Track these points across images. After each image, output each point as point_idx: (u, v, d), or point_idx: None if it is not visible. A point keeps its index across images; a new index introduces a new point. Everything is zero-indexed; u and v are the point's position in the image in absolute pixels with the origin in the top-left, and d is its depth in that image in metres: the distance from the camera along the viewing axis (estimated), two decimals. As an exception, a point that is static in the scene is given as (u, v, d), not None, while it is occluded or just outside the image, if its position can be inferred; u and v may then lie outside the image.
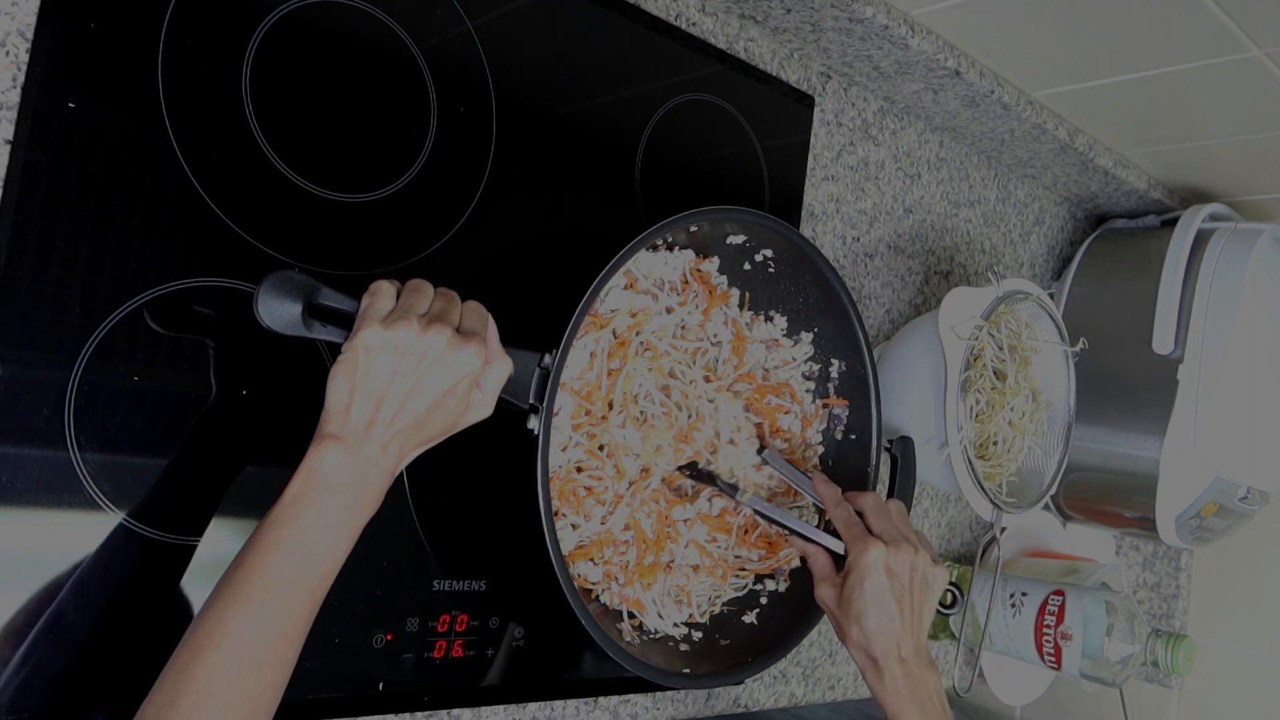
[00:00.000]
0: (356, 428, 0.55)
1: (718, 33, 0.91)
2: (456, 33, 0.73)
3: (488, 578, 0.73)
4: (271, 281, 0.56)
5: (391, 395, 0.56)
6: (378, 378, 0.55)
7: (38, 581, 0.56)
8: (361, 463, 0.55)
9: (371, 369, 0.55)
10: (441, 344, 0.56)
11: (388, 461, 0.56)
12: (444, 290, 0.61)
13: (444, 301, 0.60)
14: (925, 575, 0.74)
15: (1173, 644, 0.99)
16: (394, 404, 0.56)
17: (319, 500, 0.54)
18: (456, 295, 0.61)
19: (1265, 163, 1.16)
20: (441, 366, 0.57)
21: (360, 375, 0.55)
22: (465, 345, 0.57)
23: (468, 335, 0.58)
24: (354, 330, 0.57)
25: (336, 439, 0.55)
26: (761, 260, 0.83)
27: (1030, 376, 0.97)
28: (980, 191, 1.22)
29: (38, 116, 0.56)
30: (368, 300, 0.58)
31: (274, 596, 0.52)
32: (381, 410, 0.56)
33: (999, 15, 0.90)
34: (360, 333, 0.56)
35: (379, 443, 0.56)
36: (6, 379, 0.55)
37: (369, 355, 0.55)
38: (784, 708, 0.99)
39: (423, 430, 0.58)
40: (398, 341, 0.55)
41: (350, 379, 0.55)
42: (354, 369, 0.55)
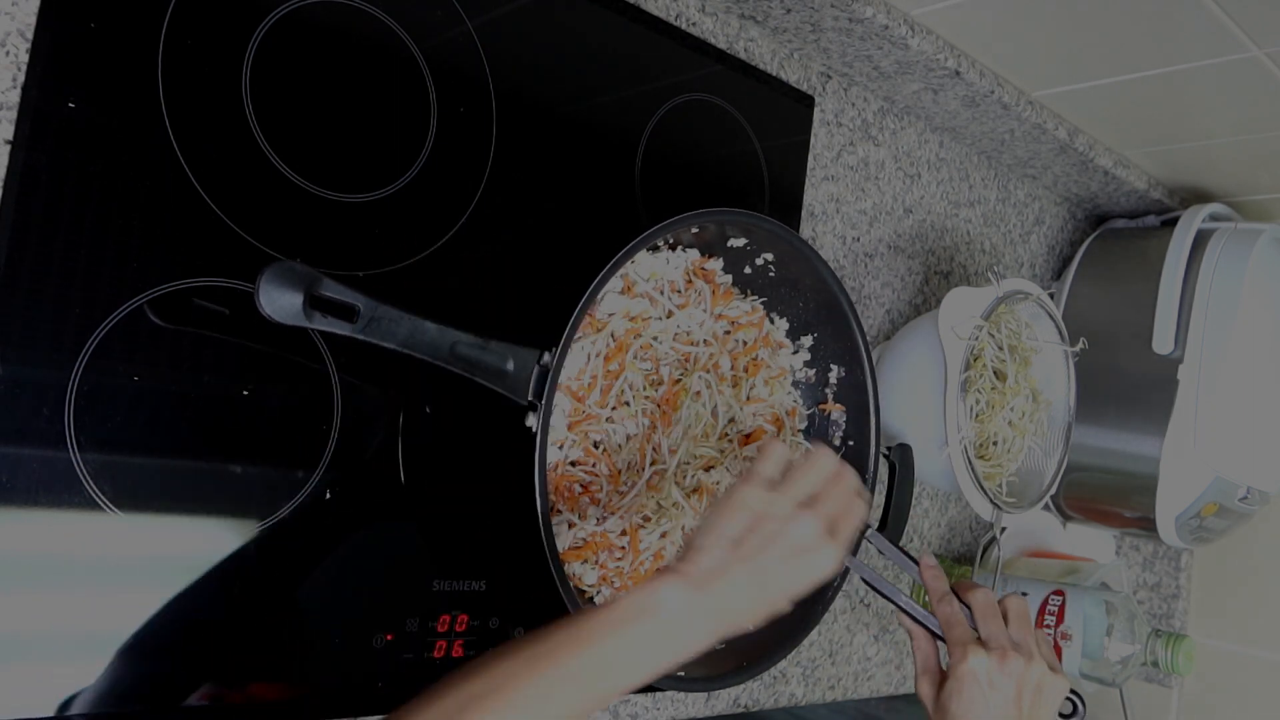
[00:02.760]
0: (708, 565, 0.56)
1: (718, 33, 0.91)
2: (456, 33, 0.73)
3: (487, 578, 0.73)
4: (273, 271, 0.56)
5: (746, 549, 0.57)
6: (733, 527, 0.57)
7: (39, 581, 0.56)
8: (697, 605, 0.55)
9: (733, 517, 0.58)
10: (810, 534, 0.58)
11: (715, 618, 0.56)
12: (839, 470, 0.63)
13: (836, 488, 0.62)
14: (1039, 686, 0.67)
15: (1173, 644, 0.99)
16: (747, 560, 0.57)
17: (645, 629, 0.54)
18: (842, 473, 0.63)
19: (1265, 163, 1.16)
20: (799, 556, 0.58)
21: (728, 519, 0.57)
22: (828, 544, 0.59)
23: (833, 532, 0.59)
24: (743, 478, 0.60)
25: (682, 576, 0.55)
26: (762, 264, 0.83)
27: (1030, 376, 0.97)
28: (980, 191, 1.22)
29: (38, 116, 0.56)
30: (759, 458, 0.61)
31: (566, 683, 0.52)
32: (729, 567, 0.56)
33: (999, 15, 0.90)
34: (740, 485, 0.59)
35: (716, 600, 0.56)
36: (6, 379, 0.55)
37: (735, 500, 0.58)
38: (784, 708, 0.99)
39: (758, 598, 0.58)
40: (768, 508, 0.58)
41: (724, 518, 0.58)
42: (729, 509, 0.58)
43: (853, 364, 0.86)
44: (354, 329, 0.60)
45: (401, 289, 0.70)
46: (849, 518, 0.61)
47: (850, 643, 1.06)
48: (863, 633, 1.07)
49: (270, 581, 0.64)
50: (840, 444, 0.88)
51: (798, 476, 0.61)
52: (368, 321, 0.60)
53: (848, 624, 1.05)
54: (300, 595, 0.65)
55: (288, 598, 0.64)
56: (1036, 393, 0.98)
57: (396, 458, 0.69)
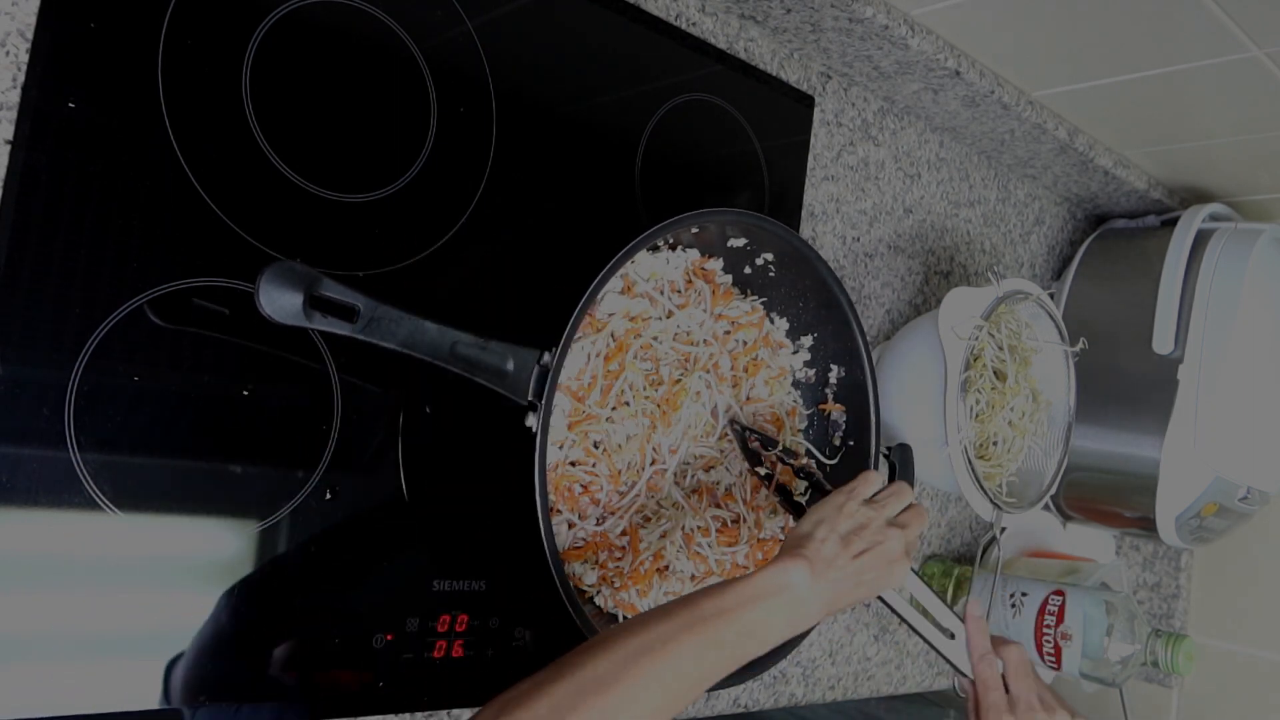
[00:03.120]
0: (826, 555, 0.64)
1: (718, 33, 0.91)
2: (456, 33, 0.73)
3: (487, 578, 0.73)
4: (273, 271, 0.56)
5: (854, 548, 0.66)
6: (842, 528, 0.67)
7: (39, 581, 0.56)
8: (814, 589, 0.63)
9: (840, 519, 0.67)
10: (898, 548, 0.68)
11: (824, 602, 0.64)
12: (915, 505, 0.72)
13: (913, 516, 0.71)
14: None
15: (1173, 644, 0.99)
16: (853, 559, 0.65)
17: (779, 603, 0.62)
18: (918, 508, 0.72)
19: (1265, 163, 1.16)
20: (888, 565, 0.67)
21: (840, 520, 0.67)
22: (905, 560, 0.68)
23: (908, 552, 0.69)
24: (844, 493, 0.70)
25: (808, 560, 0.63)
26: (762, 264, 0.83)
27: (1030, 376, 0.97)
28: (980, 191, 1.22)
29: (38, 116, 0.56)
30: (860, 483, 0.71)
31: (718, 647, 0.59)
32: (839, 559, 0.65)
33: (999, 15, 0.90)
34: (842, 498, 0.69)
35: (829, 587, 0.64)
36: (6, 379, 0.55)
37: (842, 507, 0.68)
38: (784, 708, 0.99)
39: (853, 593, 0.66)
40: (869, 520, 0.68)
41: (833, 520, 0.67)
42: (834, 513, 0.68)
43: (853, 364, 0.86)
44: (354, 329, 0.60)
45: (401, 289, 0.70)
46: (917, 541, 0.72)
47: (850, 643, 1.06)
48: (863, 633, 1.07)
49: (270, 581, 0.64)
50: (840, 444, 0.88)
51: (890, 500, 0.70)
52: (368, 321, 0.60)
53: (848, 624, 1.05)
54: (300, 595, 0.65)
55: (288, 598, 0.64)
56: (1037, 393, 0.98)
57: (396, 458, 0.69)
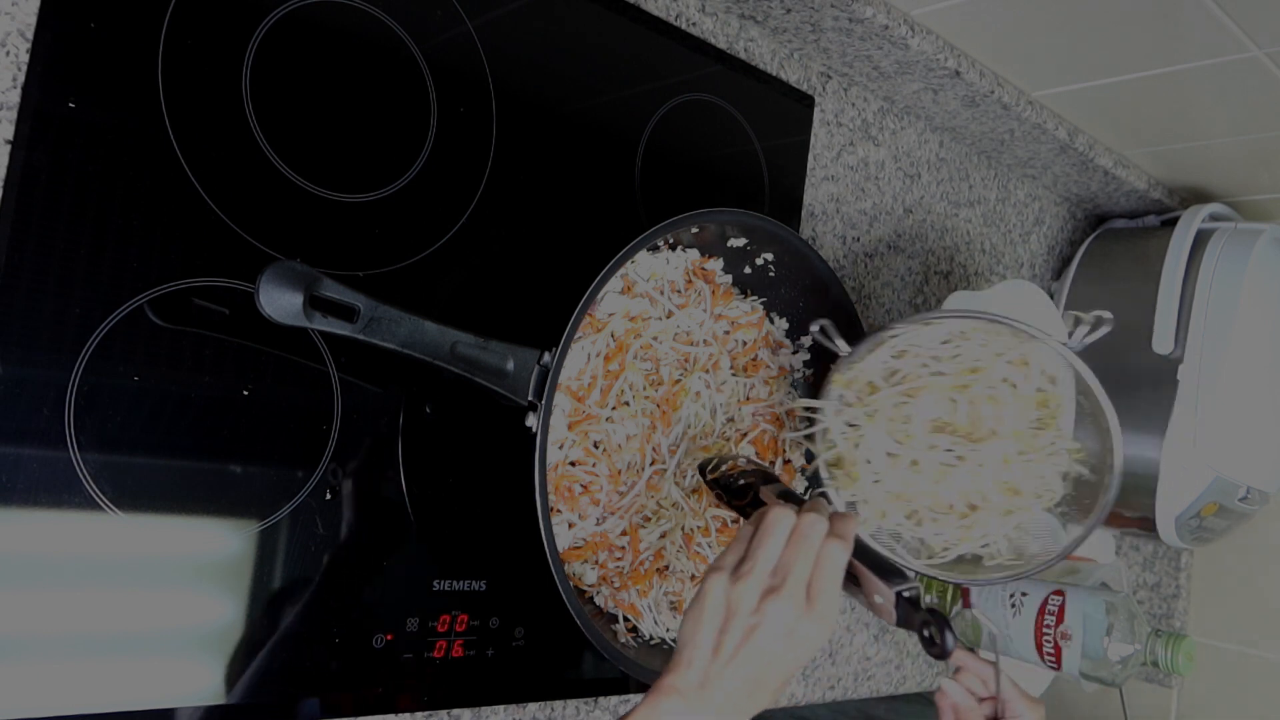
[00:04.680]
0: (694, 679, 0.55)
1: (718, 33, 0.91)
2: (456, 33, 0.73)
3: (488, 578, 0.73)
4: (274, 271, 0.56)
5: (724, 654, 0.55)
6: (708, 634, 0.56)
7: (39, 581, 0.56)
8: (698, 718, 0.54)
9: (702, 621, 0.56)
10: (784, 617, 0.55)
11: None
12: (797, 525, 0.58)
13: (797, 550, 0.57)
14: None
15: (1173, 644, 0.99)
16: (730, 663, 0.55)
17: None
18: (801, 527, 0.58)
19: (1265, 163, 1.16)
20: (783, 641, 0.55)
21: (702, 617, 0.56)
22: (809, 616, 0.56)
23: (811, 598, 0.56)
24: (709, 569, 0.58)
25: (677, 692, 0.55)
26: (762, 264, 0.83)
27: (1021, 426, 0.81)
28: (980, 191, 1.22)
29: (38, 116, 0.56)
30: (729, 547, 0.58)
31: None
32: (712, 672, 0.55)
33: (999, 15, 0.90)
34: (707, 577, 0.57)
35: (714, 708, 0.54)
36: (6, 379, 0.55)
37: (702, 601, 0.57)
38: (784, 708, 0.99)
39: (757, 694, 0.56)
40: (734, 606, 0.56)
41: (696, 622, 0.56)
42: (699, 613, 0.56)
43: (853, 364, 0.86)
44: (354, 329, 0.60)
45: (401, 289, 0.70)
46: (823, 572, 0.57)
47: (850, 643, 1.06)
48: (863, 633, 1.07)
49: (269, 582, 0.64)
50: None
51: (757, 554, 0.57)
52: (368, 321, 0.60)
53: (848, 624, 1.05)
54: (300, 595, 0.65)
55: (288, 598, 0.64)
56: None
57: (396, 458, 0.69)
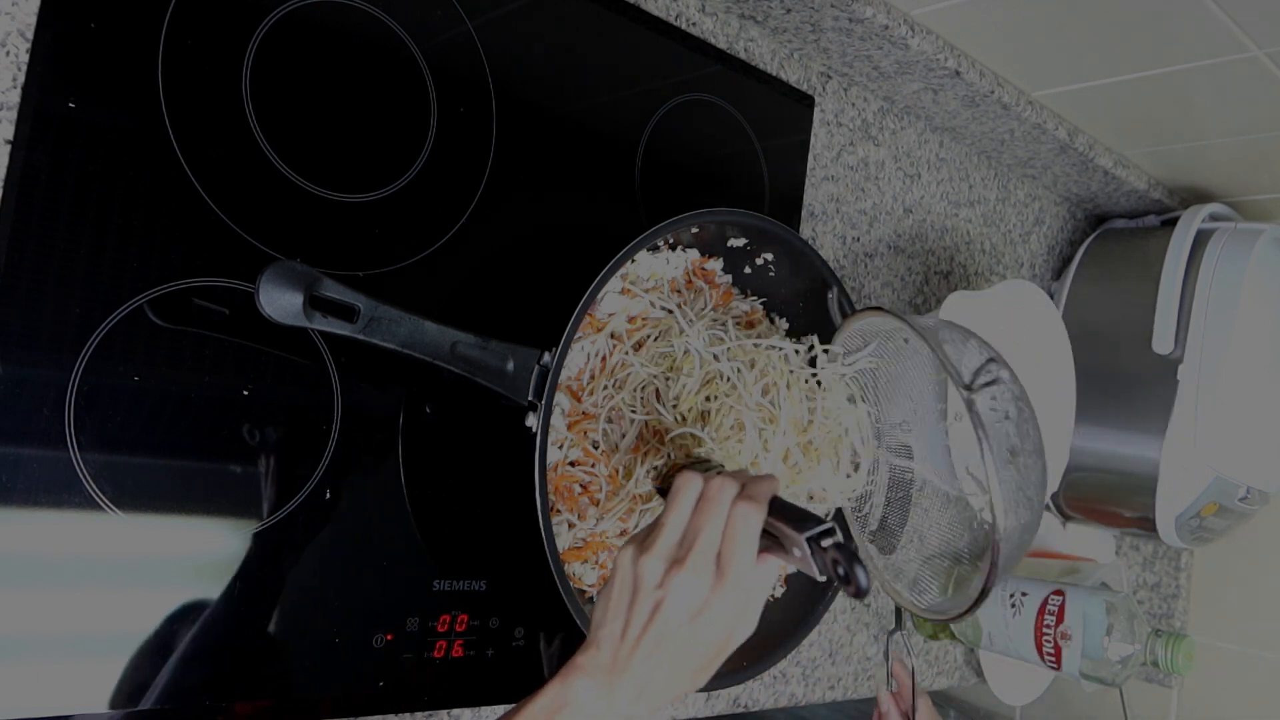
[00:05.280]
0: (604, 661, 0.52)
1: (718, 33, 0.91)
2: (456, 33, 0.73)
3: (488, 578, 0.73)
4: (274, 271, 0.56)
5: (632, 634, 0.52)
6: (617, 612, 0.53)
7: (39, 581, 0.56)
8: (610, 701, 0.51)
9: (611, 598, 0.53)
10: (692, 592, 0.51)
11: (635, 709, 0.52)
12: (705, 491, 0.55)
13: (704, 516, 0.53)
14: None
15: (1173, 644, 0.99)
16: (638, 644, 0.52)
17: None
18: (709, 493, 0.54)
19: (1265, 163, 1.16)
20: (695, 620, 0.52)
21: (607, 599, 0.54)
22: (721, 589, 0.52)
23: (723, 574, 0.52)
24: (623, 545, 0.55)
25: (583, 671, 0.52)
26: (762, 264, 0.83)
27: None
28: (980, 191, 1.22)
29: (38, 116, 0.56)
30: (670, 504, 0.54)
31: None
32: (621, 655, 0.52)
33: (999, 15, 0.90)
34: (619, 551, 0.54)
35: (629, 689, 0.52)
36: (6, 379, 0.55)
37: (612, 577, 0.54)
38: (784, 708, 0.99)
39: (675, 678, 0.53)
40: (639, 581, 0.52)
41: (605, 599, 0.54)
42: (608, 589, 0.54)
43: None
44: (354, 329, 0.60)
45: (401, 289, 0.70)
46: (733, 539, 0.53)
47: (850, 643, 1.06)
48: (863, 633, 1.07)
49: (270, 581, 0.64)
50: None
51: (664, 524, 0.54)
52: (368, 321, 0.60)
53: (848, 624, 1.05)
54: (300, 595, 0.65)
55: (288, 598, 0.64)
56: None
57: (396, 458, 0.69)
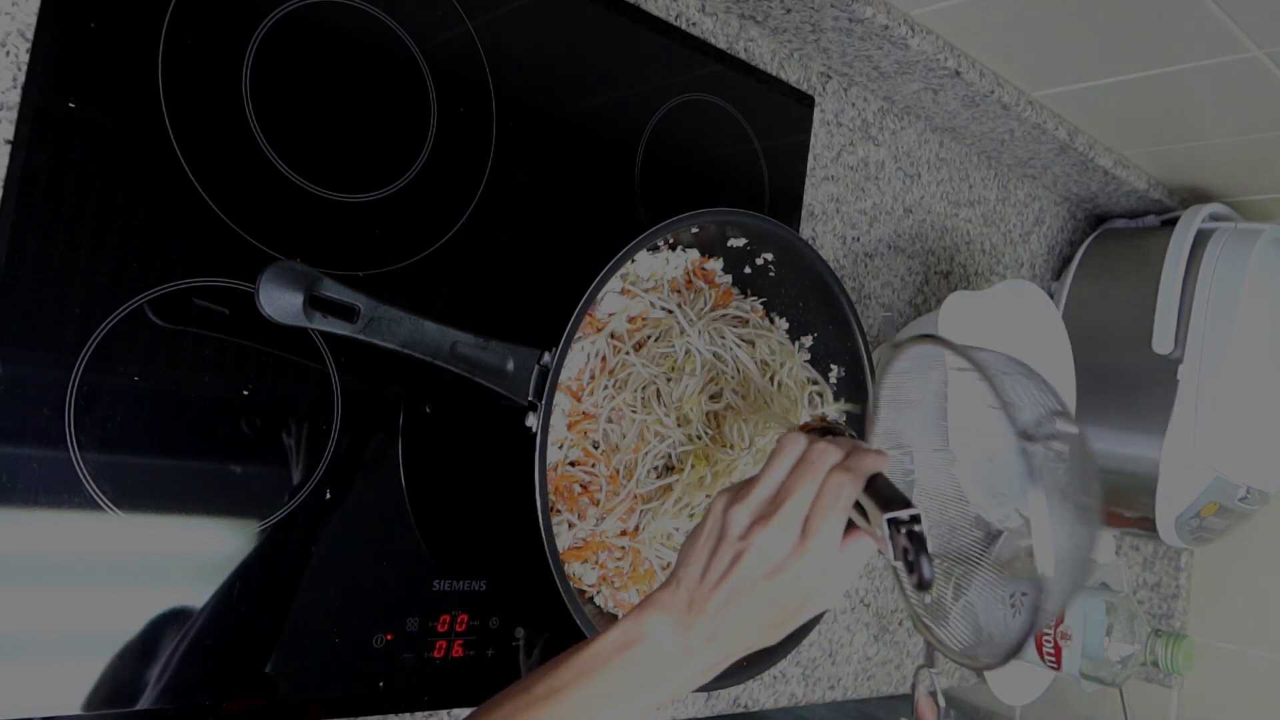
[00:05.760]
0: (682, 599, 0.53)
1: (718, 33, 0.91)
2: (456, 33, 0.73)
3: (488, 578, 0.73)
4: (274, 271, 0.56)
5: (711, 578, 0.53)
6: (700, 555, 0.54)
7: (39, 581, 0.56)
8: (685, 640, 0.52)
9: (698, 541, 0.54)
10: (773, 549, 0.52)
11: (706, 653, 0.53)
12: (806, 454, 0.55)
13: (801, 477, 0.54)
14: None
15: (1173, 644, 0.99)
16: (716, 589, 0.53)
17: (636, 657, 0.52)
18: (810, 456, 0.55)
19: (1265, 163, 1.16)
20: (770, 578, 0.52)
21: (694, 541, 0.55)
22: (802, 552, 0.52)
23: (806, 537, 0.53)
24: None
25: (661, 608, 0.53)
26: (762, 264, 0.83)
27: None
28: (980, 191, 1.22)
29: (38, 116, 0.56)
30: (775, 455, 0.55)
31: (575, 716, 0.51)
32: (698, 596, 0.53)
33: (999, 15, 0.90)
34: (715, 498, 0.55)
35: (702, 631, 0.52)
36: (6, 379, 0.55)
37: (703, 521, 0.55)
38: (784, 708, 0.99)
39: (747, 630, 0.53)
40: (726, 528, 0.53)
41: (692, 541, 0.55)
42: (697, 532, 0.55)
43: (853, 364, 0.86)
44: (354, 329, 0.60)
45: (401, 289, 0.70)
46: (820, 507, 0.53)
47: (850, 643, 1.06)
48: (863, 633, 1.07)
49: (270, 581, 0.64)
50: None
51: (760, 479, 0.55)
52: (368, 321, 0.60)
53: (848, 624, 1.05)
54: (300, 595, 0.65)
55: (288, 598, 0.64)
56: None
57: (396, 458, 0.69)
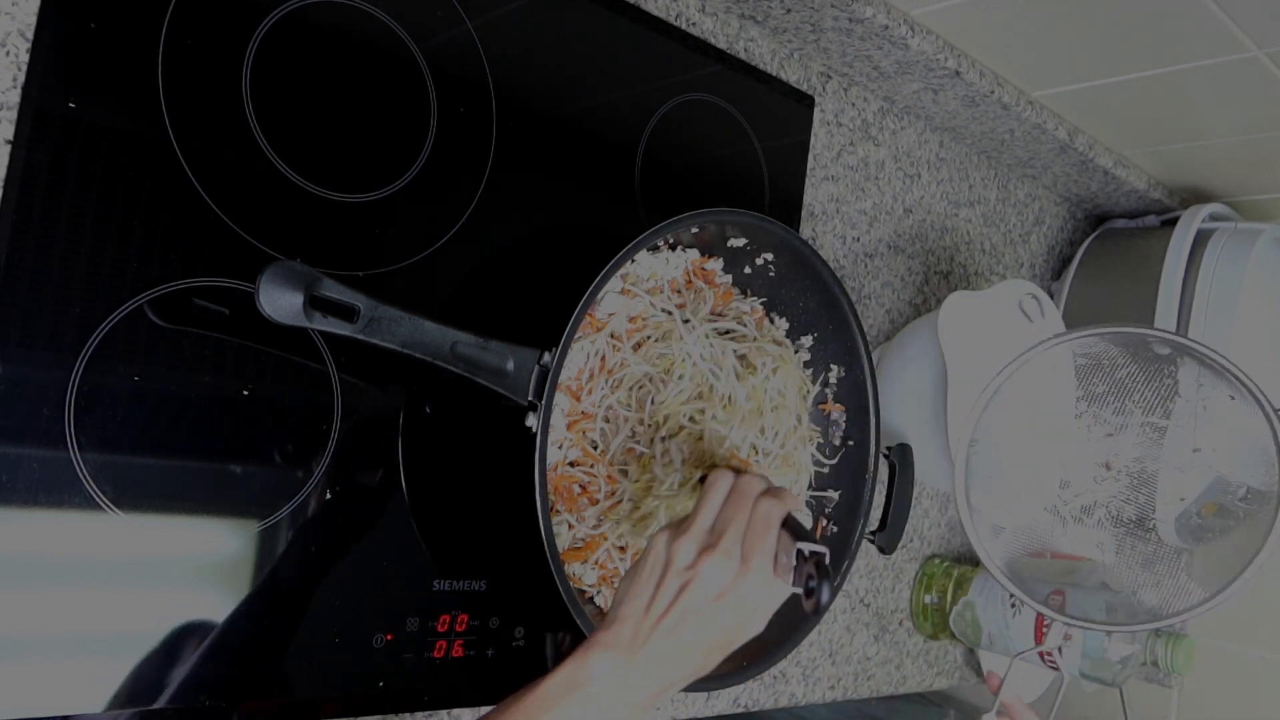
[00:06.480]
0: (625, 635, 0.55)
1: (718, 33, 0.91)
2: (456, 33, 0.73)
3: (488, 578, 0.73)
4: (273, 271, 0.56)
5: (656, 609, 0.55)
6: (644, 589, 0.56)
7: (39, 581, 0.56)
8: (627, 676, 0.54)
9: (640, 576, 0.57)
10: (718, 574, 0.55)
11: (649, 685, 0.55)
12: (736, 484, 0.59)
13: (735, 508, 0.58)
14: None
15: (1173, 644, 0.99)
16: (661, 620, 0.55)
17: (579, 699, 0.54)
18: (739, 486, 0.59)
19: (1265, 163, 1.16)
20: (717, 602, 0.56)
21: (639, 576, 0.57)
22: (744, 576, 0.56)
23: (746, 560, 0.56)
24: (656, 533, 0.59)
25: (603, 646, 0.55)
26: (762, 264, 0.83)
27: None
28: (980, 191, 1.22)
29: (38, 116, 0.56)
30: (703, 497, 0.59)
31: None
32: (642, 630, 0.55)
33: (999, 15, 0.90)
34: (653, 536, 0.58)
35: (645, 664, 0.54)
36: (6, 379, 0.55)
37: (644, 557, 0.57)
38: (784, 708, 0.99)
39: (690, 655, 0.56)
40: (671, 560, 0.56)
41: (633, 577, 0.57)
42: (638, 568, 0.57)
43: (853, 364, 0.86)
44: (354, 329, 0.60)
45: (401, 289, 0.70)
46: (754, 532, 0.57)
47: (850, 643, 1.06)
48: (863, 633, 1.07)
49: (270, 582, 0.64)
50: (840, 444, 0.88)
51: (699, 512, 0.58)
52: (368, 321, 0.60)
53: (848, 624, 1.05)
54: (300, 595, 0.65)
55: (287, 598, 0.64)
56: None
57: (396, 458, 0.69)
